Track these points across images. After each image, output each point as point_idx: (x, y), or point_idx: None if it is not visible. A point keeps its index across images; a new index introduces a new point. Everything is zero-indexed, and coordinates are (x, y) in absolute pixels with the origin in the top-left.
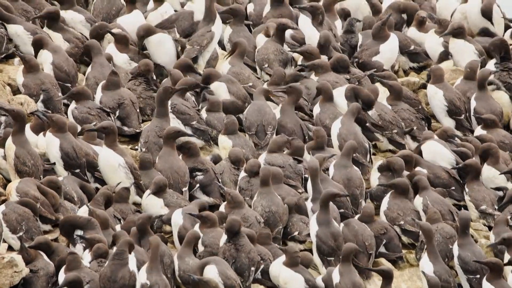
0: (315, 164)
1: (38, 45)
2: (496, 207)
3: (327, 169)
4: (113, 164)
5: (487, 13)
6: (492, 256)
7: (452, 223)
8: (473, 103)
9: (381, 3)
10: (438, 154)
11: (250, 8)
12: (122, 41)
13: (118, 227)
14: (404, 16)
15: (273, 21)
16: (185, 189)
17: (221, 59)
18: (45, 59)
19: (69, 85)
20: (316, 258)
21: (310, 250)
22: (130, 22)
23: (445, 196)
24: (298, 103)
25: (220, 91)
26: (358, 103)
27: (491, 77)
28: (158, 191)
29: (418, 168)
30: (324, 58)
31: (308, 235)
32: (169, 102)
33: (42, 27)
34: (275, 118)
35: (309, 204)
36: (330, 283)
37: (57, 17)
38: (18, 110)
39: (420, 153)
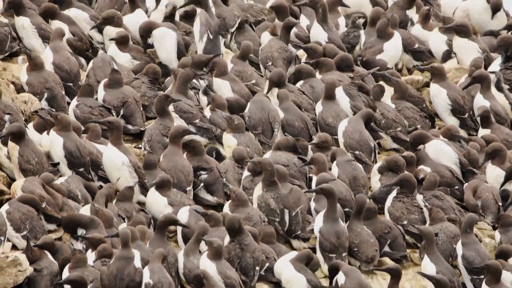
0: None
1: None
2: (500, 204)
3: (330, 169)
4: (117, 163)
5: (496, 7)
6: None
7: (455, 217)
8: (484, 102)
9: (386, 1)
10: (442, 153)
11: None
12: (122, 41)
13: (122, 226)
14: (409, 13)
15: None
16: (189, 188)
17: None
18: (46, 58)
19: (70, 84)
20: (318, 255)
21: (314, 249)
22: (133, 22)
23: (447, 194)
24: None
25: (223, 89)
26: (369, 110)
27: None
28: (162, 187)
29: (421, 167)
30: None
31: (312, 231)
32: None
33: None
34: (279, 114)
35: (312, 204)
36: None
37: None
38: (17, 127)
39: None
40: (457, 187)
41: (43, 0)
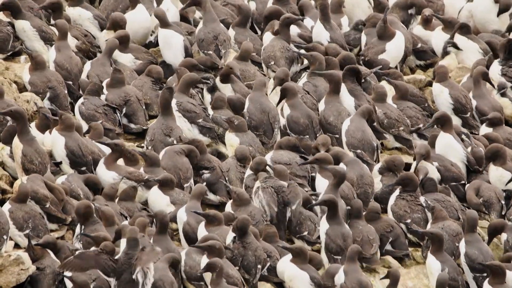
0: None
1: None
2: (503, 202)
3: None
4: (110, 181)
5: (505, 7)
6: (500, 253)
7: (454, 220)
8: (473, 102)
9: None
10: (450, 149)
11: (252, 6)
12: (123, 40)
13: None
14: (412, 11)
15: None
16: (186, 185)
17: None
18: (50, 56)
19: (70, 82)
20: (323, 256)
21: (318, 251)
22: (135, 18)
23: (449, 195)
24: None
25: (225, 90)
26: (369, 106)
27: (502, 80)
28: (165, 185)
29: (421, 165)
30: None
31: (318, 237)
32: (175, 101)
33: (48, 23)
34: (278, 112)
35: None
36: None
37: (60, 8)
38: (16, 109)
39: (433, 144)
40: (462, 182)
41: None
